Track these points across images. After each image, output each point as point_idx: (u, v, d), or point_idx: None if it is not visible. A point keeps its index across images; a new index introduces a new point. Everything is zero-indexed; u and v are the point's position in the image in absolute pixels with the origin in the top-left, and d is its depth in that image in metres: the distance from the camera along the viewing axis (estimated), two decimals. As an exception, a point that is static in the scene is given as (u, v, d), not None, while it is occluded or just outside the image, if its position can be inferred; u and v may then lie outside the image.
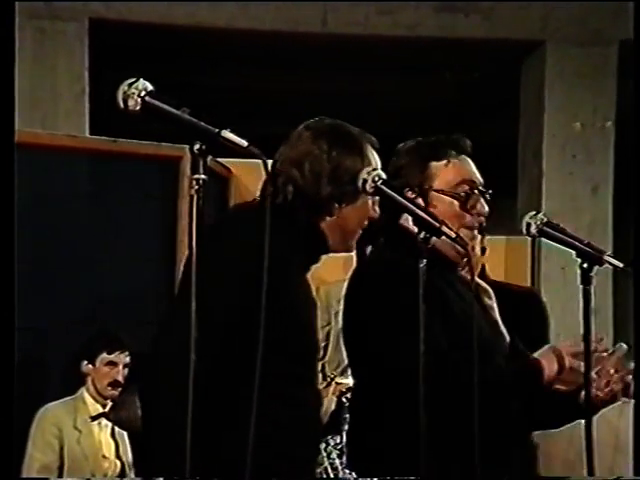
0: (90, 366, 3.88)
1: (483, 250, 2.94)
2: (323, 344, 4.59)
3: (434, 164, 2.14)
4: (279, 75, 7.06)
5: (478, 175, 2.19)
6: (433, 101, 7.74)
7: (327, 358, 4.18)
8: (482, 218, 2.17)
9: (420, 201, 2.08)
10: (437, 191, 2.12)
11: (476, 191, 2.15)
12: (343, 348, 2.16)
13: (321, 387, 3.66)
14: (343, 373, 4.02)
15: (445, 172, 2.14)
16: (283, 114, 8.33)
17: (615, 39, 6.03)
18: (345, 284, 2.15)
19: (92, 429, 3.85)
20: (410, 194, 2.09)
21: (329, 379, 4.02)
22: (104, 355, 3.84)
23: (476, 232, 2.17)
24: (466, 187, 2.14)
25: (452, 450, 1.99)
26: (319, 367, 4.09)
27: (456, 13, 5.97)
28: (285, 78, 7.15)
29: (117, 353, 3.85)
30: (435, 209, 2.06)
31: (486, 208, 2.16)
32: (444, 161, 2.14)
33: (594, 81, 6.07)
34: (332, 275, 4.76)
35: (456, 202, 2.12)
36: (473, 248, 2.16)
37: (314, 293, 2.01)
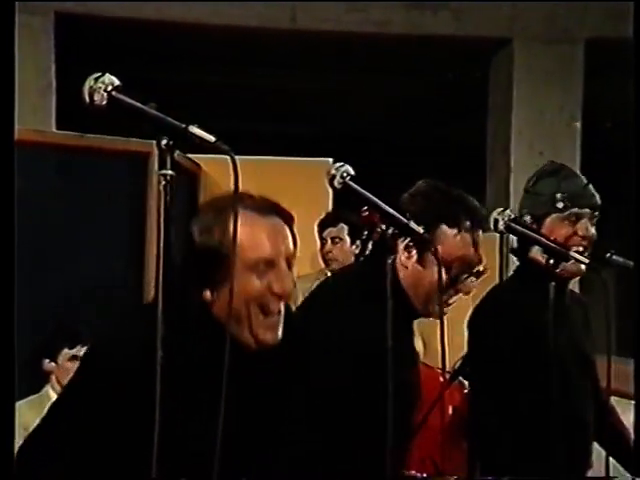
0: (52, 364, 3.81)
1: None
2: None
3: (445, 228, 2.05)
4: (248, 71, 7.05)
5: (479, 253, 2.09)
6: (402, 99, 7.76)
7: None
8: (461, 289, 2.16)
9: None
10: (434, 255, 1.94)
11: (466, 267, 2.07)
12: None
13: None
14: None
15: (451, 243, 2.04)
16: (252, 110, 8.34)
17: (581, 38, 6.09)
18: (312, 277, 2.17)
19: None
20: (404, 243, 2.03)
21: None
22: (65, 351, 3.78)
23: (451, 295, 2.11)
24: (462, 265, 2.06)
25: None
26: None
27: (425, 10, 6.00)
28: (254, 74, 7.13)
29: (79, 347, 3.79)
30: (423, 269, 2.03)
31: (470, 286, 2.25)
32: (455, 230, 2.05)
33: (561, 79, 6.12)
34: (300, 269, 4.78)
35: (445, 274, 1.99)
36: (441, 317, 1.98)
37: None
